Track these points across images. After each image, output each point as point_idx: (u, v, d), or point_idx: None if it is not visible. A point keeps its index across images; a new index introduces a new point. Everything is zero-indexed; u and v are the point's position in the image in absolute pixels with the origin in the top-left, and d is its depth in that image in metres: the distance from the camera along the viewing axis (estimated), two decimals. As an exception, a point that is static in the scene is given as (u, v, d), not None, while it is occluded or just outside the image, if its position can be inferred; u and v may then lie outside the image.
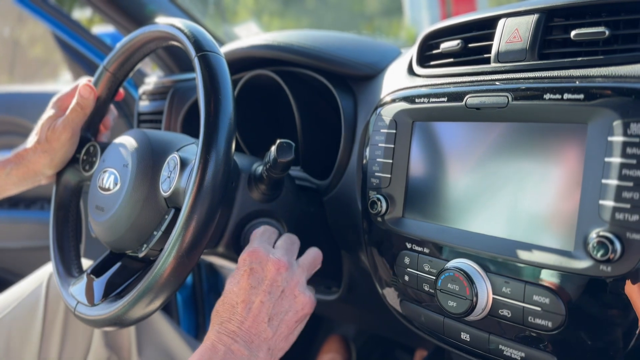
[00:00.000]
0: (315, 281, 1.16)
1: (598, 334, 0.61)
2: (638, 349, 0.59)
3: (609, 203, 0.59)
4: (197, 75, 0.81)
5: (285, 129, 1.28)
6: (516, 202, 0.69)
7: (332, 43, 1.07)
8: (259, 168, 0.95)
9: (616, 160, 0.59)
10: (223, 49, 1.19)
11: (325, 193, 1.04)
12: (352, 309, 1.28)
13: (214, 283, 2.01)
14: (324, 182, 1.05)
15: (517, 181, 0.69)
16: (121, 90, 1.09)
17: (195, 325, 2.01)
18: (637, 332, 0.59)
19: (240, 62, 1.16)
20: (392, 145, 0.84)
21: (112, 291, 0.88)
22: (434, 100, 0.79)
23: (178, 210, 0.85)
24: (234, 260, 1.00)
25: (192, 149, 0.92)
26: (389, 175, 0.84)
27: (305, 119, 1.09)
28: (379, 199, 0.84)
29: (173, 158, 0.87)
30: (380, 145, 0.86)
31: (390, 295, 0.88)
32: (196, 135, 0.91)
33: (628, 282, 0.58)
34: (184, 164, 0.85)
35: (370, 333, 1.80)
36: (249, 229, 0.98)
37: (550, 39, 0.72)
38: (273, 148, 0.86)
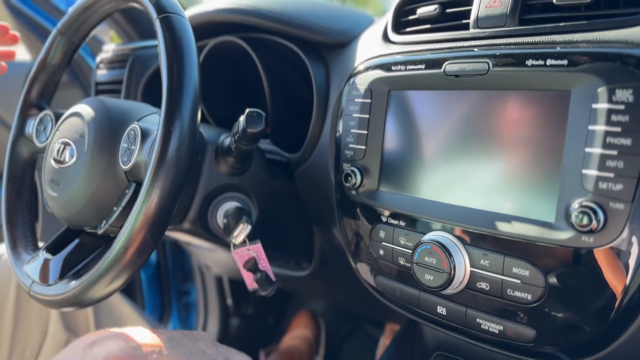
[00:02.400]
0: (286, 258, 1.13)
1: (578, 307, 0.60)
2: (616, 322, 0.59)
3: (592, 172, 0.57)
4: (159, 39, 0.75)
5: (253, 100, 1.23)
6: (495, 173, 0.67)
7: (302, 8, 1.02)
8: (226, 140, 0.90)
9: (600, 128, 0.57)
10: (187, 13, 1.12)
11: (296, 167, 1.01)
12: (323, 284, 1.26)
13: (179, 261, 1.96)
14: (295, 155, 1.01)
15: (496, 151, 0.67)
16: (3, 64, 1.02)
17: (160, 305, 1.96)
18: (616, 305, 0.58)
19: (204, 28, 1.10)
20: (367, 116, 0.81)
21: (70, 270, 0.83)
22: (410, 67, 0.76)
23: (139, 185, 0.80)
24: (201, 236, 0.96)
25: (154, 119, 0.86)
26: (364, 147, 0.81)
27: (275, 89, 1.04)
28: (353, 172, 0.81)
29: (133, 128, 0.81)
30: (354, 115, 0.83)
31: (364, 270, 0.85)
32: (158, 106, 0.85)
33: (599, 254, 0.57)
34: (145, 134, 0.79)
35: (340, 308, 1.79)
36: (217, 204, 0.94)
37: (531, 3, 0.69)
38: (242, 118, 0.81)
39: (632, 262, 0.56)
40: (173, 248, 1.92)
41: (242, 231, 0.86)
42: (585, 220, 0.57)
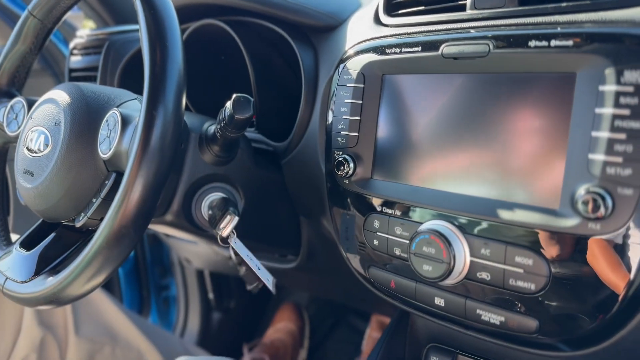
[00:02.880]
0: (272, 250, 1.10)
1: (582, 297, 0.59)
2: (621, 312, 0.57)
3: (599, 157, 0.55)
4: (140, 20, 0.70)
5: (237, 87, 1.18)
6: (496, 159, 0.65)
7: (288, -10, 0.98)
8: (211, 127, 0.86)
9: (608, 111, 0.55)
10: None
11: (283, 156, 0.97)
12: (310, 276, 1.23)
13: (158, 255, 1.91)
14: (282, 144, 0.98)
15: (497, 136, 0.65)
16: None
17: (138, 300, 1.91)
18: (622, 294, 0.56)
19: (185, 11, 1.05)
20: (360, 101, 0.78)
21: (46, 266, 0.78)
22: (406, 50, 0.73)
23: (120, 175, 0.76)
24: (185, 229, 0.92)
25: (135, 105, 0.82)
26: (357, 134, 0.78)
27: (260, 76, 1.00)
28: (345, 160, 0.77)
29: (113, 115, 0.76)
30: (346, 101, 0.79)
31: (356, 262, 0.83)
32: (137, 94, 0.81)
33: (605, 242, 0.56)
34: (126, 121, 0.75)
35: (324, 300, 1.77)
36: (201, 194, 0.90)
37: (530, -17, 0.67)
38: (229, 103, 0.77)
39: (639, 249, 0.54)
40: (151, 241, 1.87)
41: (229, 223, 0.82)
42: (592, 207, 0.55)
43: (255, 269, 0.85)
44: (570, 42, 0.58)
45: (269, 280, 0.87)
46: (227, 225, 0.82)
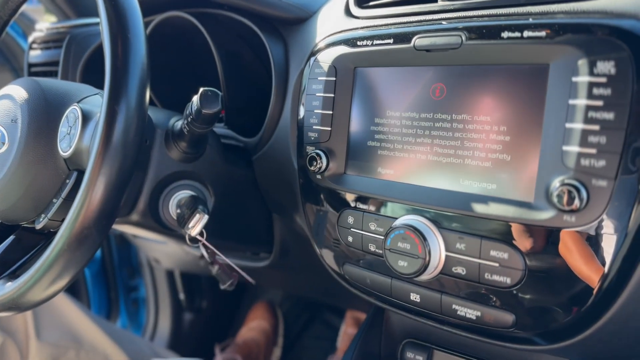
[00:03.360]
0: (243, 248, 1.08)
1: (558, 289, 0.58)
2: (597, 304, 0.57)
3: (574, 148, 0.55)
4: (100, 11, 0.67)
5: (205, 81, 1.15)
6: (470, 152, 0.64)
7: (257, -18, 0.95)
8: (178, 123, 0.83)
9: (581, 102, 0.54)
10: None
11: (254, 151, 0.95)
12: (283, 274, 1.21)
13: (126, 255, 1.86)
14: (252, 139, 0.95)
15: (471, 129, 0.64)
16: None
17: (106, 302, 1.86)
18: (597, 286, 0.56)
19: (149, 3, 1.01)
20: (332, 95, 0.76)
21: (5, 270, 0.74)
22: (378, 42, 0.71)
23: (82, 173, 0.72)
24: (152, 229, 0.89)
25: (97, 100, 0.78)
26: (329, 128, 0.76)
27: (229, 69, 0.97)
28: (318, 155, 0.76)
29: (73, 111, 0.73)
30: (318, 95, 0.77)
31: (330, 259, 0.81)
32: (100, 89, 0.77)
33: (567, 238, 0.55)
34: (86, 117, 0.71)
35: (298, 297, 1.75)
36: (169, 193, 0.87)
37: (502, -26, 0.66)
38: (195, 97, 0.75)
39: (614, 241, 0.54)
40: (119, 241, 1.82)
41: (198, 222, 0.80)
42: (567, 199, 0.54)
43: (230, 263, 0.83)
44: (542, 33, 0.58)
45: (243, 273, 0.85)
46: (197, 225, 0.80)
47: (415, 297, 0.70)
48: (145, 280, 1.79)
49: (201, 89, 0.74)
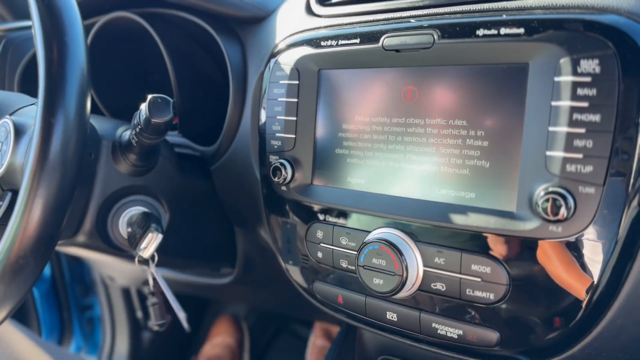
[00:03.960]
0: (202, 265, 1.01)
1: (545, 304, 0.54)
2: (586, 319, 0.53)
3: (558, 154, 0.51)
4: (33, 13, 0.60)
5: (156, 86, 1.08)
6: (447, 159, 0.59)
7: (209, -21, 0.88)
8: (126, 133, 0.76)
9: (565, 103, 0.51)
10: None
11: (212, 161, 0.88)
12: (248, 289, 1.14)
13: (78, 272, 1.75)
14: (210, 148, 0.89)
15: (446, 134, 0.59)
16: None
17: (59, 323, 1.74)
18: (586, 299, 0.52)
19: (92, 3, 0.93)
20: (296, 100, 0.70)
21: None
22: (343, 42, 0.66)
23: (16, 194, 0.64)
24: (100, 250, 0.81)
25: (33, 112, 0.70)
26: (293, 136, 0.70)
27: (181, 73, 0.90)
28: (282, 165, 0.70)
29: (4, 124, 0.65)
30: (280, 100, 0.72)
31: (299, 276, 0.75)
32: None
33: (567, 245, 0.52)
34: (20, 131, 0.64)
35: (264, 309, 1.68)
36: (118, 210, 0.79)
37: (472, -33, 0.62)
38: (144, 106, 0.68)
39: (603, 251, 0.51)
40: (70, 258, 1.70)
41: (151, 242, 0.73)
42: (552, 208, 0.50)
43: (172, 302, 0.75)
44: (521, 30, 0.54)
45: (182, 317, 0.78)
46: (149, 245, 0.72)
47: (392, 315, 0.65)
48: (99, 298, 1.68)
49: (150, 96, 0.67)
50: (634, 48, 0.49)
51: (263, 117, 0.74)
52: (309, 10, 0.76)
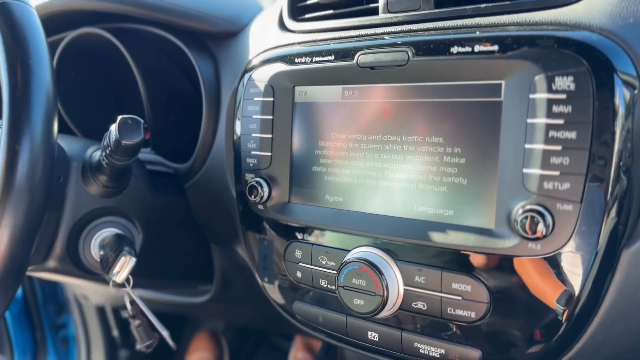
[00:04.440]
0: (179, 285, 0.99)
1: (526, 321, 0.54)
2: (567, 334, 0.53)
3: (535, 171, 0.51)
4: None
5: (128, 102, 1.05)
6: (423, 176, 0.59)
7: (180, -7, 0.87)
8: (96, 154, 0.74)
9: (541, 121, 0.51)
10: (34, 1, 0.91)
11: (186, 179, 0.86)
12: (226, 306, 1.12)
13: (51, 291, 1.69)
14: (184, 165, 0.87)
15: (423, 151, 0.59)
16: None
17: (32, 344, 1.69)
18: (566, 315, 0.52)
19: (59, 18, 0.90)
20: (271, 117, 0.69)
21: None
22: (318, 59, 0.65)
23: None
24: (72, 275, 0.79)
25: (-2, 135, 0.67)
26: (269, 153, 0.69)
27: (153, 89, 0.88)
28: (259, 183, 0.68)
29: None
30: (255, 117, 0.70)
31: (278, 295, 0.74)
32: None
33: (547, 262, 0.51)
34: None
35: (244, 325, 1.66)
36: (90, 232, 0.77)
37: (445, -17, 0.62)
38: (113, 127, 0.66)
39: (582, 268, 0.51)
40: (42, 279, 1.65)
41: (124, 266, 0.70)
42: (531, 226, 0.50)
43: (154, 321, 0.73)
44: (495, 47, 0.54)
45: (166, 335, 0.76)
46: (122, 270, 0.70)
47: (373, 335, 0.64)
48: (73, 317, 1.63)
49: (119, 117, 0.65)
50: (607, 64, 0.49)
51: (237, 134, 0.73)
52: (282, 25, 0.75)
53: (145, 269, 0.81)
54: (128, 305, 0.78)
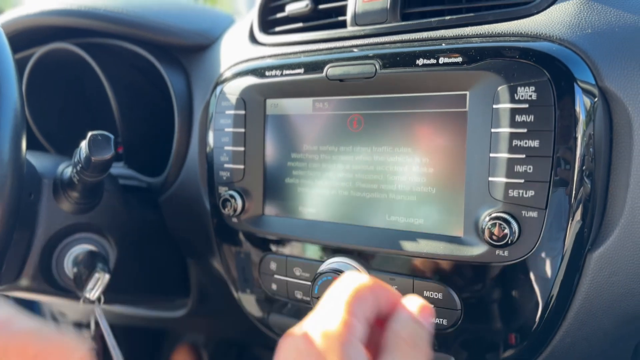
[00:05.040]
0: (155, 300, 0.98)
1: (498, 327, 0.55)
2: (538, 337, 0.54)
3: (500, 179, 0.52)
4: None
5: (100, 117, 1.04)
6: (393, 187, 0.60)
7: (150, 7, 0.87)
8: (67, 170, 0.73)
9: (504, 130, 0.52)
10: (1, 18, 0.91)
11: (160, 192, 0.86)
12: (204, 320, 1.11)
13: (26, 308, 1.66)
14: (157, 179, 0.86)
15: (392, 162, 0.60)
16: None
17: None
18: (537, 319, 0.53)
19: (28, 34, 0.89)
20: (243, 130, 0.69)
21: None
22: (288, 72, 0.66)
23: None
24: (45, 293, 0.77)
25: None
26: (242, 166, 0.69)
27: (125, 103, 0.88)
28: (232, 196, 0.69)
29: None
30: (227, 130, 0.70)
31: (255, 308, 0.74)
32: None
33: (515, 268, 0.52)
34: None
35: (225, 337, 1.64)
36: (63, 250, 0.76)
37: (411, -4, 0.63)
38: (84, 143, 0.65)
39: (549, 273, 0.52)
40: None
41: (97, 284, 0.70)
42: (497, 233, 0.51)
43: (111, 349, 0.72)
44: (459, 59, 0.55)
45: None
46: (96, 287, 0.69)
47: (348, 345, 0.64)
48: (50, 334, 1.60)
49: (90, 133, 0.64)
50: (567, 74, 0.51)
51: (210, 147, 0.73)
52: (253, 38, 0.76)
53: (120, 285, 0.80)
54: (92, 326, 0.77)
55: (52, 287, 0.76)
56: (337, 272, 0.60)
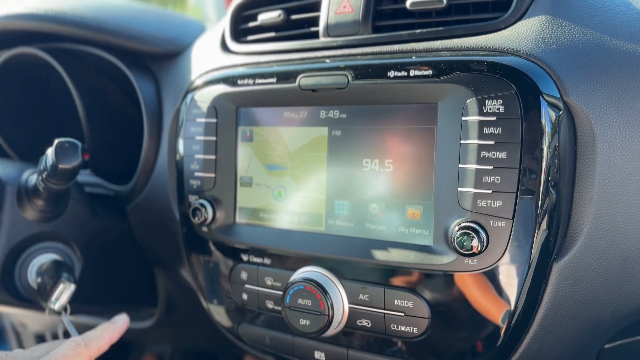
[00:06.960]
0: (121, 310, 0.95)
1: (466, 335, 0.56)
2: (505, 345, 0.55)
3: (469, 190, 0.53)
4: None
5: (68, 123, 1.02)
6: (364, 196, 0.60)
7: (119, 13, 0.85)
8: (32, 177, 0.71)
9: (473, 142, 0.53)
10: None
11: (127, 200, 0.84)
12: (173, 330, 1.10)
13: (-15, 320, 1.60)
14: (125, 187, 0.85)
15: (363, 172, 0.60)
16: None
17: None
18: (504, 327, 0.55)
19: (-8, 37, 0.87)
20: (214, 138, 0.69)
21: None
22: (260, 81, 0.66)
23: None
24: (7, 303, 0.75)
25: None
26: (213, 175, 0.69)
27: (92, 110, 0.86)
28: (202, 205, 0.68)
29: None
30: (198, 138, 0.70)
31: (224, 317, 0.73)
32: None
33: (483, 277, 0.54)
34: None
35: (192, 348, 1.62)
36: (26, 259, 0.74)
37: (382, 9, 0.64)
38: (50, 151, 0.64)
39: (517, 281, 0.53)
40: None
41: (62, 293, 0.68)
42: (466, 242, 0.52)
43: None
44: (429, 72, 0.56)
45: None
46: (61, 297, 0.68)
47: (320, 355, 0.64)
48: (10, 346, 1.55)
49: (56, 141, 0.63)
50: (533, 88, 0.52)
51: (180, 155, 0.72)
52: (225, 47, 0.76)
53: (86, 295, 0.78)
54: (60, 336, 0.74)
55: (14, 298, 0.74)
56: (309, 281, 0.60)
